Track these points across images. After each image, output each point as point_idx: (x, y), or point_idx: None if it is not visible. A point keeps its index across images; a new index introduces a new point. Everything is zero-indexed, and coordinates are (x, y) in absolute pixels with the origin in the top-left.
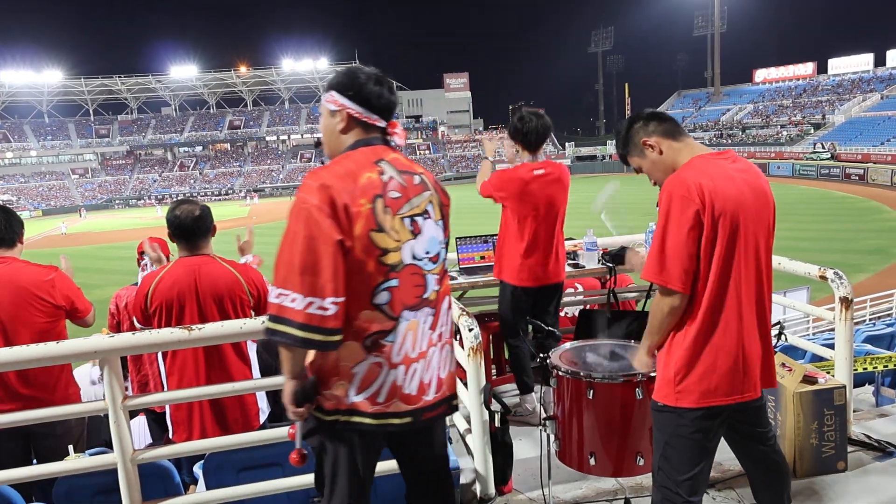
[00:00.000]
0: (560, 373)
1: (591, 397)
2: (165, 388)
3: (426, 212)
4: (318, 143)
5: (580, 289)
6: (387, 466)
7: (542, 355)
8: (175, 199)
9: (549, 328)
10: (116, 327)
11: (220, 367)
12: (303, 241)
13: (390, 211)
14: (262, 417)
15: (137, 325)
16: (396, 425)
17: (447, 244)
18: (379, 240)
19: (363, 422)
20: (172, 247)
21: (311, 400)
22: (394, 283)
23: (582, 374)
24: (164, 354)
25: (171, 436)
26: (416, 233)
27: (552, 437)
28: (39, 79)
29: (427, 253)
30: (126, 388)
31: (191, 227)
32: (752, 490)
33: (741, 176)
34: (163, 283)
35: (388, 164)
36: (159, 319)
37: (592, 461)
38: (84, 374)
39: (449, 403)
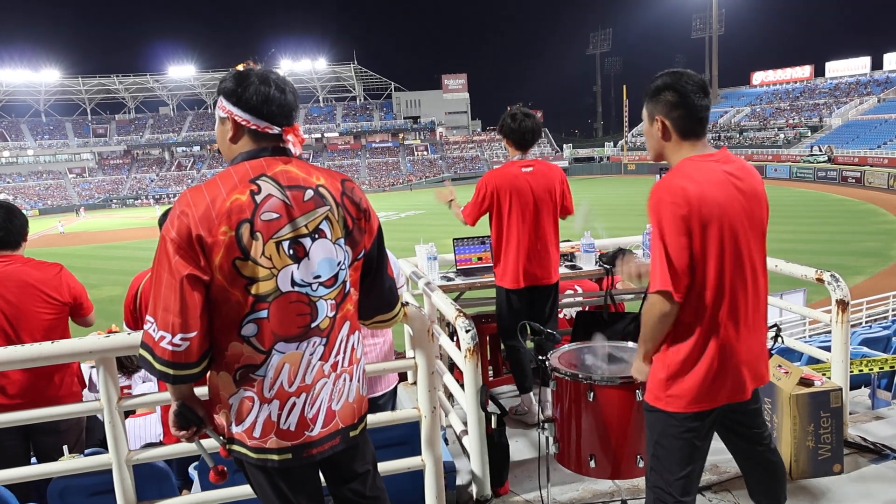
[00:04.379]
0: (559, 375)
1: (590, 399)
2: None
3: (318, 231)
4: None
5: (580, 290)
6: (387, 467)
7: (540, 357)
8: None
9: (548, 330)
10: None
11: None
12: (158, 274)
13: (261, 236)
14: None
15: (126, 327)
16: (276, 461)
17: (359, 261)
18: (244, 268)
19: (247, 454)
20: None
21: (195, 423)
22: (262, 314)
23: (581, 376)
24: None
25: (162, 438)
26: (298, 256)
27: (551, 440)
28: (37, 78)
29: (317, 277)
30: (128, 388)
31: None
32: (748, 491)
33: (731, 178)
34: (149, 284)
35: (269, 180)
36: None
37: (592, 463)
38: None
39: (344, 436)
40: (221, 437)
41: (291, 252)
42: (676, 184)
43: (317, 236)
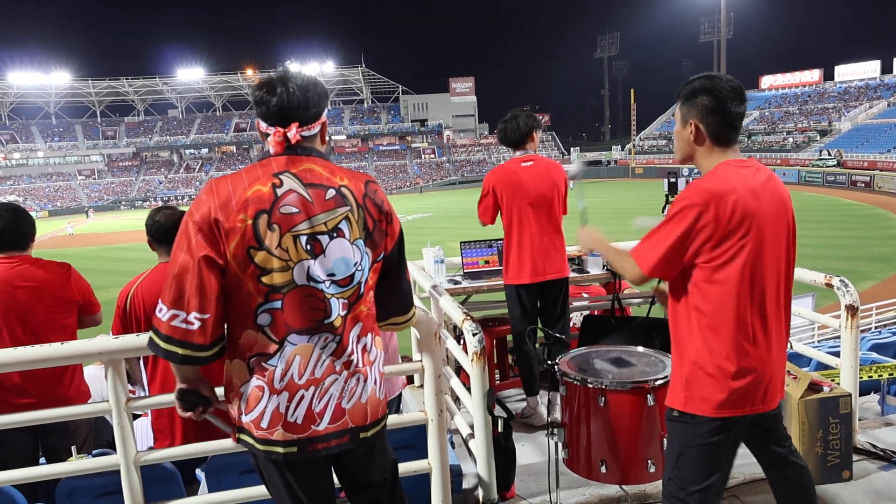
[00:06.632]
0: (569, 379)
1: (601, 404)
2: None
3: (337, 230)
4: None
5: (586, 297)
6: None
7: (549, 362)
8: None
9: (557, 335)
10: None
11: (204, 371)
12: (175, 256)
13: (278, 228)
14: None
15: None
16: (280, 454)
17: (379, 263)
18: (258, 258)
19: (253, 445)
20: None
21: (200, 404)
22: (276, 304)
23: (592, 380)
24: (146, 361)
25: (153, 444)
26: (315, 252)
27: (559, 445)
28: (47, 80)
29: (331, 275)
30: (133, 391)
31: (171, 231)
32: (775, 498)
33: (763, 187)
34: (142, 288)
35: (292, 176)
36: (137, 324)
37: (603, 469)
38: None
39: (354, 436)
40: (229, 427)
41: (309, 247)
42: (714, 187)
43: (335, 235)
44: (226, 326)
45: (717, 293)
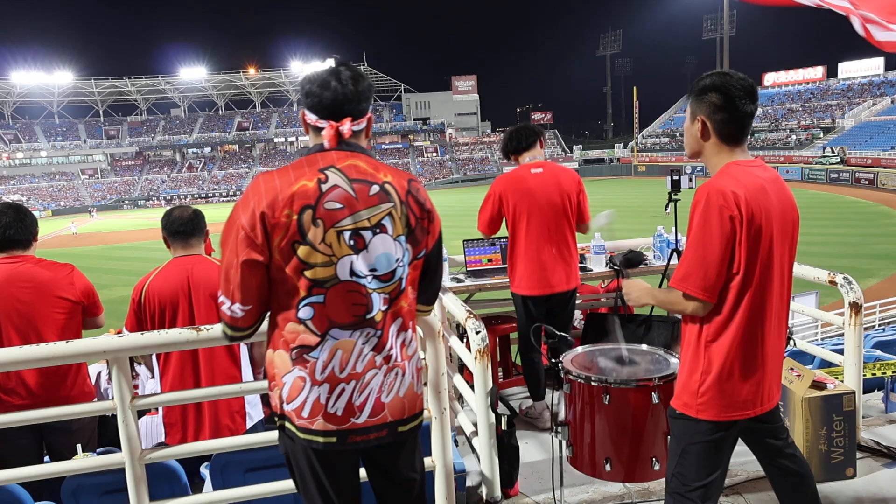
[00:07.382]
0: (573, 378)
1: (606, 402)
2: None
3: (380, 225)
4: None
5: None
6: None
7: (553, 360)
8: (172, 203)
9: (562, 333)
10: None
11: (212, 368)
12: (223, 248)
13: (323, 223)
14: (249, 423)
15: (125, 331)
16: (320, 444)
17: (419, 260)
18: (302, 253)
19: (295, 433)
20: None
21: None
22: (318, 299)
23: (596, 378)
24: (158, 355)
25: (164, 439)
26: (358, 248)
27: (563, 443)
28: (50, 80)
29: (373, 270)
30: (137, 387)
31: (186, 226)
32: (776, 495)
33: (770, 186)
34: (156, 282)
35: (337, 171)
36: (150, 318)
37: (608, 467)
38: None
39: (392, 430)
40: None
41: (352, 243)
42: (727, 187)
43: (378, 231)
44: (267, 317)
45: (726, 295)
